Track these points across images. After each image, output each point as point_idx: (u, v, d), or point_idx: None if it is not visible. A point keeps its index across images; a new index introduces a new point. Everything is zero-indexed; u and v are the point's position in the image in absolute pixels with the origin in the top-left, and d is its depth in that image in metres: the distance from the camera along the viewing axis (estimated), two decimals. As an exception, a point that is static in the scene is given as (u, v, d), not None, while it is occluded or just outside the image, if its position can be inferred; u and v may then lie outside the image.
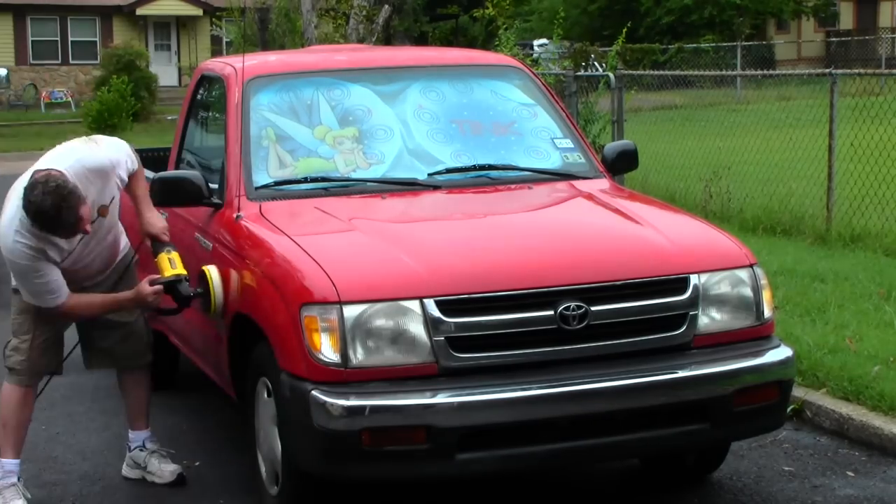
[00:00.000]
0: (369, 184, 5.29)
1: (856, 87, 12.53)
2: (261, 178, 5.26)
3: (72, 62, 39.92)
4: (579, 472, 5.44)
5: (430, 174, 5.36)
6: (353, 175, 5.34)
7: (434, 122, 5.58)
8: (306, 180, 5.31)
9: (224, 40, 37.81)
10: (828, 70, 11.23)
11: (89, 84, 36.31)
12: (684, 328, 4.49)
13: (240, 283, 4.85)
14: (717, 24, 38.92)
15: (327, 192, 5.23)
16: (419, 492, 5.17)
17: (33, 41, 39.69)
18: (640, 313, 4.44)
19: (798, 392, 6.03)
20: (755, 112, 16.32)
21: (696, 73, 21.21)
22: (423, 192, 5.31)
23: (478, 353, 4.27)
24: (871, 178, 10.26)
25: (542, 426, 4.27)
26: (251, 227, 4.99)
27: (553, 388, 4.25)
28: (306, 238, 4.71)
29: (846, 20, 45.67)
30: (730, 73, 24.87)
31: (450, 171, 5.41)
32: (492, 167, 5.47)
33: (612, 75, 12.52)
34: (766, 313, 4.68)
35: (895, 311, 7.24)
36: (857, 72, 12.92)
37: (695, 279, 4.52)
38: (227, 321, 4.97)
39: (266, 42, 25.30)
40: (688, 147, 13.45)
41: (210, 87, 6.23)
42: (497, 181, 5.43)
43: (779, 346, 4.70)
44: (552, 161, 5.64)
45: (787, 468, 5.47)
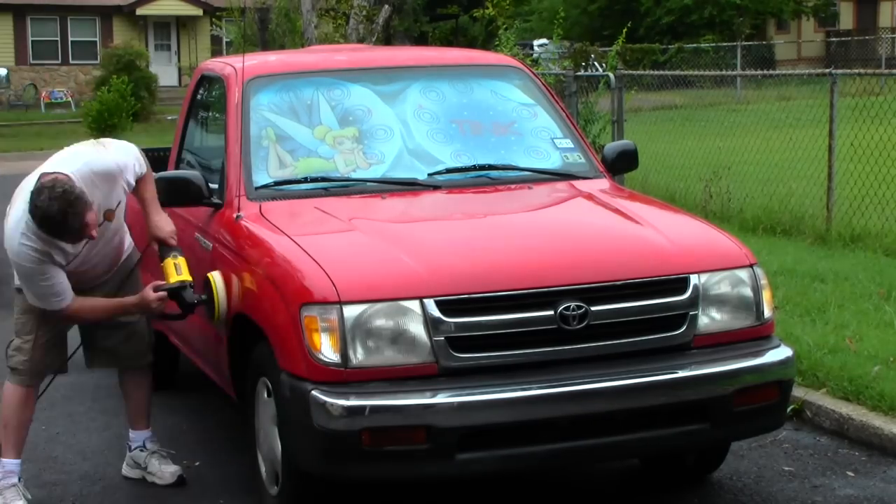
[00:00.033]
0: (369, 184, 5.29)
1: (856, 87, 12.53)
2: (261, 178, 5.27)
3: (72, 62, 39.92)
4: (579, 472, 5.43)
5: (430, 174, 5.36)
6: (353, 175, 5.34)
7: (434, 122, 5.58)
8: (306, 180, 5.31)
9: (224, 40, 37.79)
10: (828, 70, 11.23)
11: (89, 84, 36.31)
12: (684, 328, 4.49)
13: (240, 283, 4.85)
14: (717, 24, 38.91)
15: (327, 192, 5.23)
16: (419, 492, 5.17)
17: (33, 41, 39.69)
18: (640, 313, 4.44)
19: (798, 392, 6.03)
20: (755, 112, 16.31)
21: (696, 73, 21.20)
22: (423, 192, 5.31)
23: (478, 353, 4.27)
24: (871, 178, 10.25)
25: (542, 426, 4.27)
26: (251, 227, 4.99)
27: (553, 388, 4.25)
28: (306, 238, 4.71)
29: (846, 20, 45.67)
30: (730, 73, 24.87)
31: (450, 171, 5.42)
32: (492, 167, 5.47)
33: (612, 75, 12.51)
34: (766, 313, 4.68)
35: (895, 311, 7.24)
36: (857, 72, 12.92)
37: (695, 279, 4.52)
38: (227, 321, 4.98)
39: (266, 42, 25.29)
40: (688, 147, 13.45)
41: (210, 87, 6.23)
42: (497, 181, 5.43)
43: (779, 346, 4.70)
44: (552, 161, 5.64)
45: (787, 468, 5.47)
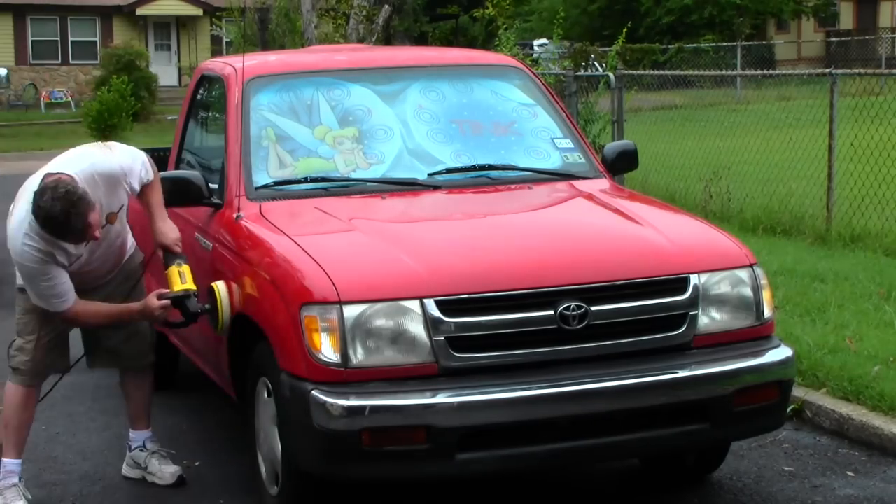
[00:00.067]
0: (369, 184, 5.29)
1: (856, 87, 12.53)
2: (261, 178, 5.27)
3: (72, 62, 39.92)
4: (579, 472, 5.43)
5: (430, 174, 5.36)
6: (353, 175, 5.34)
7: (434, 122, 5.58)
8: (306, 180, 5.31)
9: (224, 40, 37.78)
10: (828, 70, 11.23)
11: (89, 84, 36.31)
12: (684, 328, 4.49)
13: (239, 283, 4.85)
14: (717, 24, 38.92)
15: (327, 192, 5.23)
16: (419, 492, 5.17)
17: (33, 41, 39.69)
18: (640, 313, 4.44)
19: (798, 392, 6.03)
20: (755, 112, 16.32)
21: (696, 73, 21.20)
22: (423, 192, 5.31)
23: (478, 353, 4.27)
24: (871, 178, 10.25)
25: (542, 426, 4.27)
26: (251, 227, 4.99)
27: (553, 388, 4.25)
28: (306, 238, 4.71)
29: (846, 20, 45.67)
30: (730, 73, 24.87)
31: (450, 171, 5.42)
32: (492, 167, 5.47)
33: (612, 75, 12.52)
34: (766, 313, 4.68)
35: (895, 311, 7.24)
36: (857, 72, 12.92)
37: (695, 279, 4.52)
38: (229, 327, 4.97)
39: (266, 42, 25.27)
40: (688, 147, 13.45)
41: (210, 87, 6.23)
42: (497, 181, 5.43)
43: (779, 346, 4.70)
44: (552, 161, 5.64)
45: (787, 468, 5.46)
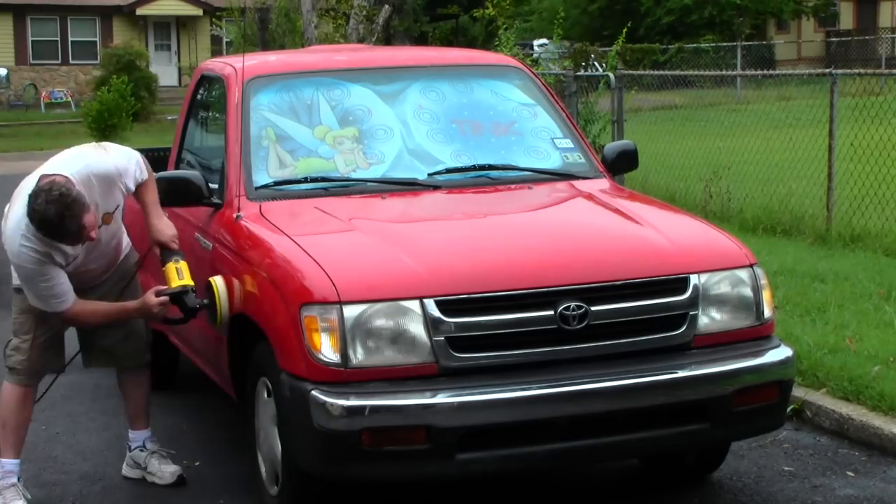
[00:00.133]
0: (369, 184, 5.29)
1: (856, 87, 12.53)
2: (261, 178, 5.26)
3: (72, 62, 39.91)
4: (579, 472, 5.43)
5: (430, 174, 5.36)
6: (353, 175, 5.34)
7: (434, 122, 5.58)
8: (306, 180, 5.30)
9: (224, 40, 37.77)
10: (828, 70, 11.23)
11: (89, 84, 36.31)
12: (684, 328, 4.49)
13: (239, 283, 4.85)
14: (717, 24, 38.92)
15: (327, 192, 5.23)
16: (419, 492, 5.17)
17: (33, 41, 39.69)
18: (639, 313, 4.44)
19: (798, 392, 6.03)
20: (755, 112, 16.31)
21: (696, 73, 21.21)
22: (423, 192, 5.31)
23: (478, 353, 4.27)
24: (871, 178, 10.25)
25: (541, 426, 4.27)
26: (251, 227, 4.99)
27: (553, 388, 4.25)
28: (306, 238, 4.71)
29: (846, 20, 45.67)
30: (730, 73, 24.87)
31: (450, 171, 5.41)
32: (492, 167, 5.47)
33: (612, 75, 12.51)
34: (766, 313, 4.68)
35: (895, 311, 7.24)
36: (857, 72, 12.92)
37: (695, 279, 4.52)
38: (227, 321, 4.97)
39: (266, 42, 25.27)
40: (688, 147, 13.45)
41: (210, 87, 6.23)
42: (497, 181, 5.43)
43: (779, 346, 4.70)
44: (552, 161, 5.64)
45: (787, 468, 5.46)
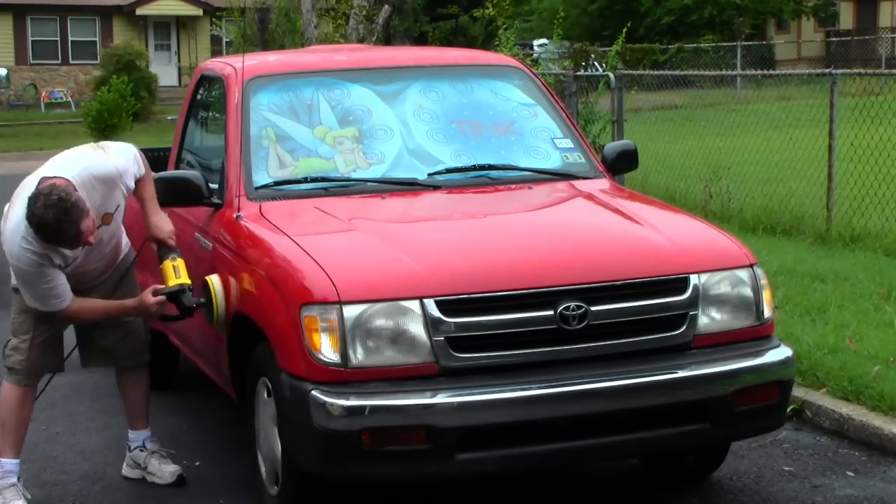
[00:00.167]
0: (369, 184, 5.29)
1: (856, 87, 12.53)
2: (261, 178, 5.26)
3: (72, 62, 39.91)
4: (579, 472, 5.43)
5: (430, 174, 5.36)
6: (353, 175, 5.34)
7: (434, 122, 5.58)
8: (306, 180, 5.30)
9: (224, 40, 37.78)
10: (828, 70, 11.23)
11: (89, 84, 36.31)
12: (684, 328, 4.49)
13: (239, 283, 4.85)
14: (717, 24, 38.92)
15: (327, 192, 5.23)
16: (419, 492, 5.17)
17: (33, 41, 39.69)
18: (639, 313, 4.44)
19: (798, 392, 6.03)
20: (755, 112, 16.31)
21: (696, 73, 21.19)
22: (423, 192, 5.31)
23: (478, 353, 4.27)
24: (871, 178, 10.25)
25: (541, 426, 4.27)
26: (251, 227, 4.99)
27: (553, 388, 4.25)
28: (306, 238, 4.71)
29: (846, 20, 45.67)
30: (730, 73, 24.87)
31: (450, 171, 5.41)
32: (492, 167, 5.47)
33: (612, 75, 12.51)
34: (766, 313, 4.68)
35: (895, 311, 7.24)
36: (857, 72, 12.92)
37: (695, 279, 4.52)
38: (227, 321, 4.97)
39: (266, 42, 25.28)
40: (688, 147, 13.45)
41: (210, 87, 6.23)
42: (497, 181, 5.42)
43: (779, 346, 4.70)
44: (552, 161, 5.64)
45: (787, 468, 5.46)
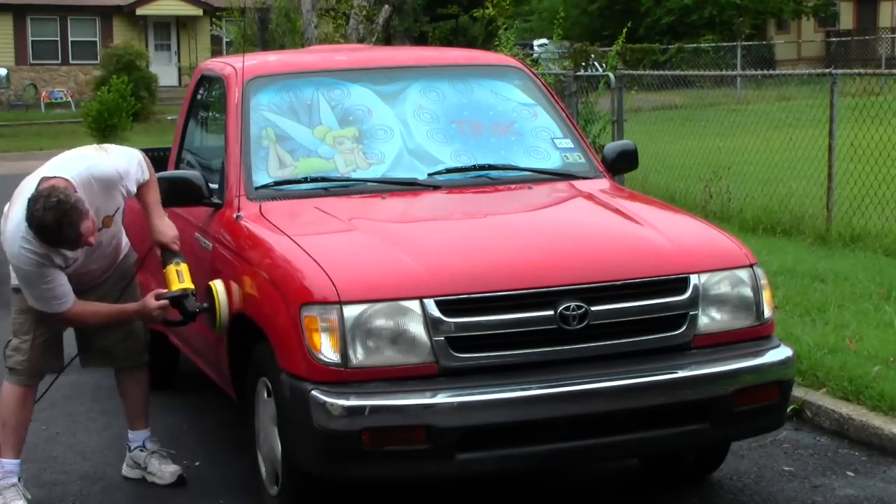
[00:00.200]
0: (369, 184, 5.29)
1: (856, 87, 12.53)
2: (261, 178, 5.26)
3: (72, 62, 39.91)
4: (579, 472, 5.43)
5: (430, 174, 5.36)
6: (353, 175, 5.34)
7: (434, 122, 5.58)
8: (306, 180, 5.30)
9: (224, 40, 37.79)
10: (828, 70, 11.23)
11: (89, 84, 36.31)
12: (684, 328, 4.49)
13: (239, 283, 4.85)
14: (717, 24, 38.92)
15: (327, 192, 5.23)
16: (419, 492, 5.17)
17: (33, 41, 39.69)
18: (640, 313, 4.44)
19: (798, 392, 6.03)
20: (755, 112, 16.32)
21: (696, 73, 21.21)
22: (423, 192, 5.31)
23: (478, 353, 4.27)
24: (871, 178, 10.25)
25: (542, 426, 4.27)
26: (251, 227, 4.99)
27: (553, 388, 4.25)
28: (306, 238, 4.71)
29: (846, 20, 45.67)
30: (730, 73, 24.87)
31: (450, 171, 5.41)
32: (492, 167, 5.47)
33: (612, 75, 12.51)
34: (766, 313, 4.68)
35: (895, 311, 7.24)
36: (857, 72, 12.92)
37: (695, 279, 4.52)
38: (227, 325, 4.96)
39: (266, 42, 25.28)
40: (688, 147, 13.45)
41: (210, 87, 6.23)
42: (497, 181, 5.42)
43: (779, 346, 4.70)
44: (552, 161, 5.64)
45: (787, 468, 5.46)
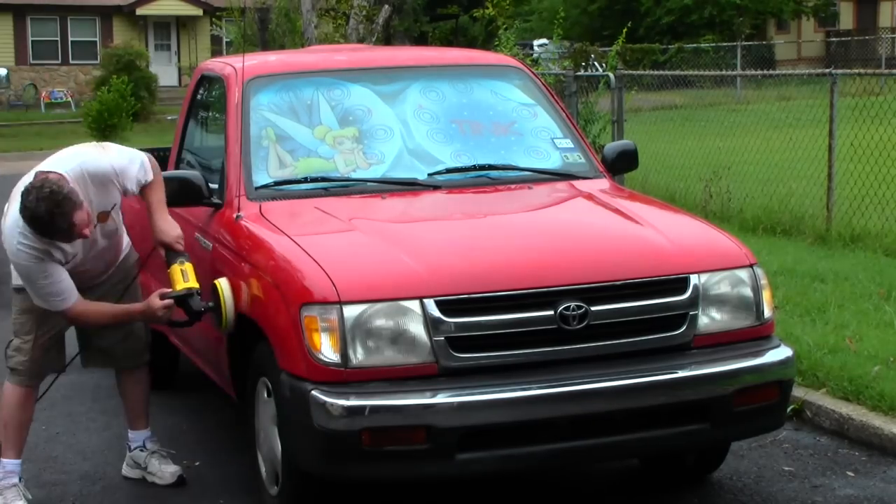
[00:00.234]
0: (369, 184, 5.29)
1: (856, 87, 12.53)
2: (261, 178, 5.26)
3: (72, 62, 39.91)
4: (579, 472, 5.43)
5: (430, 174, 5.36)
6: (353, 175, 5.34)
7: (434, 122, 5.58)
8: (306, 180, 5.31)
9: (224, 40, 37.79)
10: (828, 70, 11.23)
11: (89, 84, 36.31)
12: (684, 328, 4.49)
13: (239, 283, 4.85)
14: (717, 24, 38.92)
15: (327, 192, 5.23)
16: (419, 492, 5.17)
17: (33, 41, 39.69)
18: (639, 313, 4.44)
19: (798, 392, 6.03)
20: (755, 112, 16.32)
21: (696, 73, 21.21)
22: (423, 192, 5.31)
23: (478, 353, 4.27)
24: (871, 178, 10.25)
25: (542, 426, 4.27)
26: (251, 227, 4.99)
27: (553, 388, 4.25)
28: (306, 238, 4.71)
29: (846, 20, 45.67)
30: (730, 73, 24.87)
31: (450, 171, 5.41)
32: (492, 167, 5.47)
33: (612, 75, 12.51)
34: (766, 313, 4.68)
35: (895, 311, 7.24)
36: (857, 72, 12.92)
37: (695, 279, 4.52)
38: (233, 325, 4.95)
39: (266, 42, 25.29)
40: (688, 147, 13.45)
41: (210, 87, 6.23)
42: (497, 181, 5.43)
43: (779, 346, 4.70)
44: (552, 161, 5.64)
45: (787, 468, 5.46)
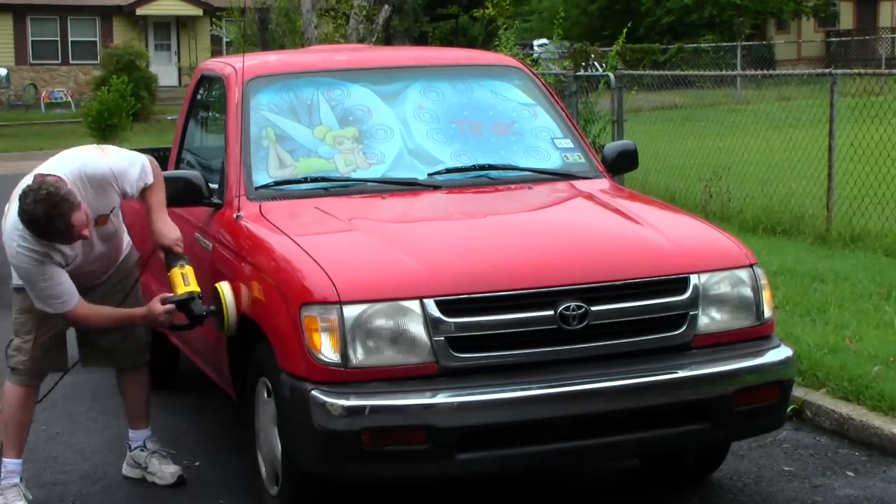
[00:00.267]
0: (369, 184, 5.29)
1: (856, 87, 12.53)
2: (261, 178, 5.26)
3: (72, 62, 39.92)
4: (579, 472, 5.44)
5: (430, 174, 5.36)
6: (353, 175, 5.34)
7: (434, 122, 5.58)
8: (306, 180, 5.31)
9: (224, 40, 37.79)
10: (828, 70, 11.23)
11: (89, 84, 36.31)
12: (684, 328, 4.49)
13: (239, 283, 4.85)
14: (717, 24, 38.92)
15: (327, 192, 5.23)
16: (419, 492, 5.17)
17: (33, 41, 39.69)
18: (640, 313, 4.44)
19: (798, 392, 6.03)
20: (755, 112, 16.31)
21: (696, 73, 21.21)
22: (423, 192, 5.31)
23: (478, 353, 4.27)
24: (871, 178, 10.26)
25: (542, 426, 4.27)
26: (251, 227, 4.99)
27: (553, 388, 4.25)
28: (306, 238, 4.71)
29: (846, 20, 45.67)
30: (730, 73, 24.87)
31: (450, 171, 5.42)
32: (492, 167, 5.47)
33: (612, 75, 12.51)
34: (766, 313, 4.68)
35: (895, 311, 7.24)
36: (857, 72, 12.92)
37: (695, 279, 4.52)
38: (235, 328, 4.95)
39: (266, 42, 25.28)
40: (688, 147, 13.45)
41: (210, 87, 6.23)
42: (497, 181, 5.43)
43: (779, 346, 4.70)
44: (552, 161, 5.64)
45: (787, 468, 5.47)
